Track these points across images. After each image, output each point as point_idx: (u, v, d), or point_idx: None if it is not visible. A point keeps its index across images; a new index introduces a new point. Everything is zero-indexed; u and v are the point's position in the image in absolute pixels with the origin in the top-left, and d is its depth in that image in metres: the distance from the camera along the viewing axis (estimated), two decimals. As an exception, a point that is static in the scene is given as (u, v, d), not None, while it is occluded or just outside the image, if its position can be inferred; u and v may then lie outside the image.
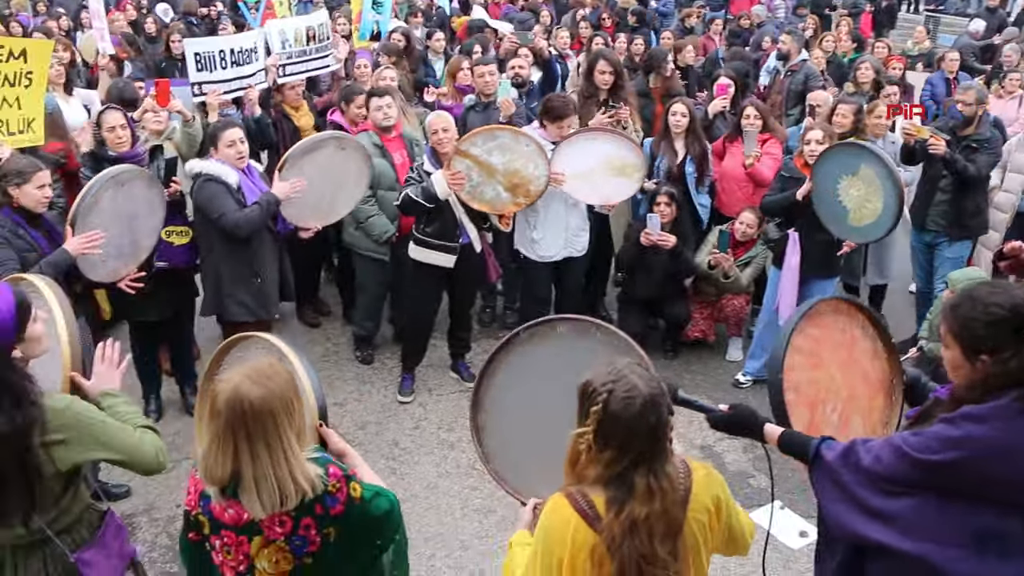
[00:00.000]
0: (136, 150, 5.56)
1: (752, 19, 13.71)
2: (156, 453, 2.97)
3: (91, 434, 2.85)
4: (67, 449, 2.82)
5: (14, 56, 5.39)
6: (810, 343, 3.14)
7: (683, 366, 6.88)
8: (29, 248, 4.67)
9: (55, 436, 2.79)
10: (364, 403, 6.41)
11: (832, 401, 3.19)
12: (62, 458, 2.82)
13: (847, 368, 3.24)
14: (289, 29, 7.21)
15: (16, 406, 2.72)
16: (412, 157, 6.47)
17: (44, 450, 2.78)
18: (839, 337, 3.25)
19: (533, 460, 3.04)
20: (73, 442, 2.82)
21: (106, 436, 2.88)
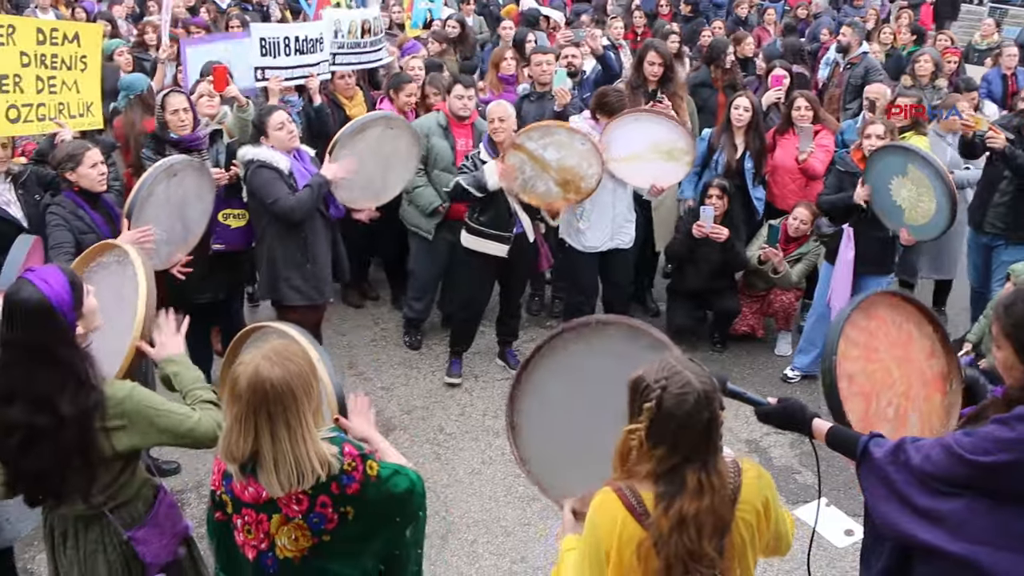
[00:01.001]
0: (197, 133, 5.65)
1: (810, 9, 13.47)
2: (215, 429, 2.99)
3: (150, 422, 2.92)
4: (127, 435, 2.89)
5: (68, 39, 5.48)
6: (864, 336, 3.11)
7: (731, 360, 6.82)
8: (88, 230, 4.79)
9: (115, 422, 2.86)
10: (411, 388, 6.46)
11: (888, 395, 3.14)
12: (122, 442, 2.89)
13: (904, 365, 3.19)
14: (345, 20, 7.24)
15: (79, 390, 2.79)
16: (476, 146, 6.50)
17: (104, 434, 2.85)
18: (895, 333, 3.20)
19: (569, 460, 3.03)
20: (132, 429, 2.89)
21: (166, 424, 2.94)
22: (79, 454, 2.82)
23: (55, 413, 2.76)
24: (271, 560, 2.61)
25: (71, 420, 2.77)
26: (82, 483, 2.89)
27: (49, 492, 2.93)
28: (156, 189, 4.98)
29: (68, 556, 3.10)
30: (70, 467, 2.83)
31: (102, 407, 2.83)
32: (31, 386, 2.77)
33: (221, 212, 5.59)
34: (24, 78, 5.25)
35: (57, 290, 2.81)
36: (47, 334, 2.79)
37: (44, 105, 5.38)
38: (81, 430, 2.79)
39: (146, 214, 4.93)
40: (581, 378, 3.02)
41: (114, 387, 2.91)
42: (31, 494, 2.94)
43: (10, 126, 5.22)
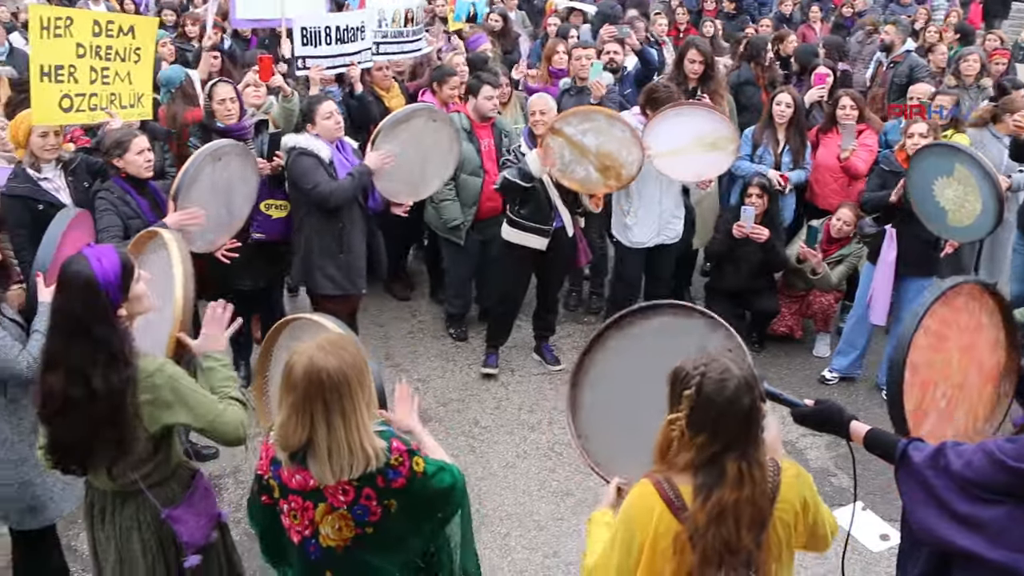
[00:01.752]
0: (243, 123, 5.74)
1: (855, 7, 13.27)
2: (237, 426, 3.06)
3: (178, 397, 2.96)
4: (154, 408, 2.94)
5: (123, 32, 5.57)
6: (938, 324, 3.07)
7: (768, 360, 6.78)
8: (134, 215, 4.91)
9: (144, 396, 2.92)
10: (447, 380, 6.50)
11: (943, 385, 3.11)
12: (151, 417, 2.94)
13: (966, 353, 3.15)
14: (388, 9, 7.28)
15: (112, 366, 2.85)
16: (499, 147, 6.52)
17: (135, 409, 2.91)
18: (965, 320, 3.16)
19: (623, 441, 3.04)
20: (160, 403, 2.94)
21: (192, 402, 2.98)
22: (110, 427, 2.88)
23: (88, 386, 2.83)
24: (314, 547, 2.66)
25: (102, 395, 2.83)
26: (110, 456, 2.95)
27: (77, 461, 3.00)
28: (201, 173, 5.06)
29: (105, 531, 3.18)
30: (99, 439, 2.90)
31: (134, 382, 2.89)
32: (68, 356, 2.86)
33: (263, 202, 5.67)
34: (79, 68, 5.34)
35: (106, 269, 2.89)
36: (87, 309, 2.86)
37: (96, 95, 5.47)
38: (112, 405, 2.86)
39: (191, 197, 5.01)
40: (644, 361, 3.02)
41: (147, 361, 2.97)
42: (61, 461, 3.01)
43: (63, 115, 5.32)
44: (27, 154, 5.13)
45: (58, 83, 5.26)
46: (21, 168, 5.12)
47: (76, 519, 4.64)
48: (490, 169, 6.49)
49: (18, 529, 3.90)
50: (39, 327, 3.55)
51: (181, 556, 3.16)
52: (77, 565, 4.56)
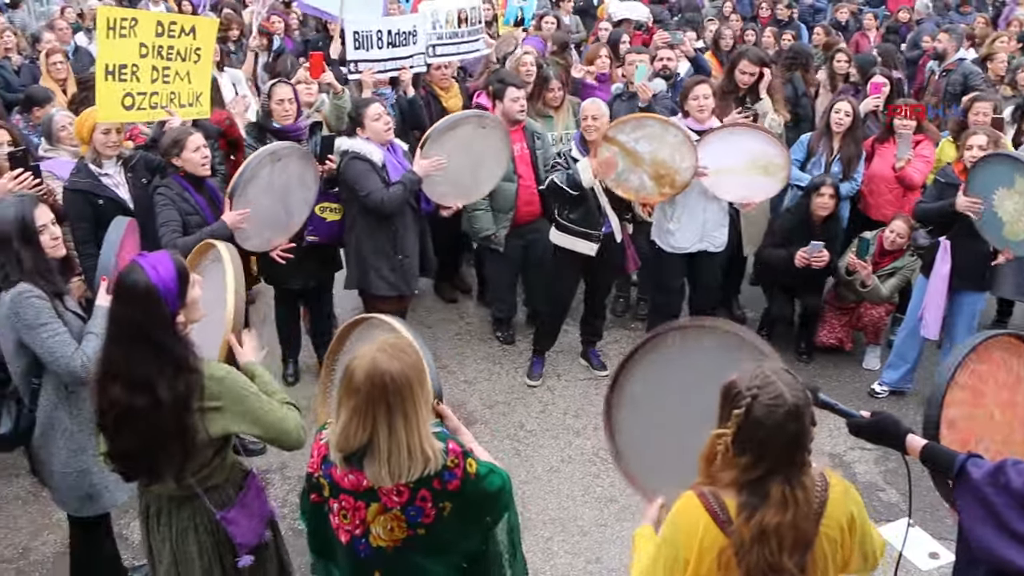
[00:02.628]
0: (298, 124, 5.82)
1: (912, 14, 13.08)
2: (298, 431, 3.10)
3: (244, 406, 3.00)
4: (220, 417, 2.97)
5: (185, 32, 5.69)
6: (974, 380, 3.02)
7: (817, 372, 6.69)
8: (192, 211, 5.04)
9: (211, 403, 2.95)
10: (493, 383, 6.52)
11: (986, 441, 3.06)
12: (215, 424, 2.97)
13: (1007, 409, 3.10)
14: (442, 11, 7.33)
15: (177, 375, 2.88)
16: (532, 149, 6.52)
17: (200, 415, 2.94)
18: (1004, 376, 3.11)
19: (664, 459, 3.03)
20: (226, 411, 2.98)
21: (257, 411, 3.02)
22: (176, 437, 2.91)
23: (152, 395, 2.85)
24: (364, 546, 2.67)
25: (168, 404, 2.86)
26: (176, 464, 2.98)
27: (141, 470, 3.03)
28: (260, 172, 5.16)
29: (161, 533, 3.22)
30: (165, 449, 2.92)
31: (200, 388, 2.92)
32: (130, 366, 2.87)
33: (318, 205, 5.74)
34: (141, 68, 5.47)
35: (164, 277, 2.92)
36: (148, 318, 2.88)
37: (157, 94, 5.59)
38: (178, 414, 2.88)
39: (248, 196, 5.12)
40: (681, 378, 3.02)
41: (212, 367, 3.00)
42: (124, 470, 3.05)
43: (124, 113, 5.45)
44: (90, 150, 5.27)
45: (121, 82, 5.39)
46: (83, 163, 5.25)
47: (128, 508, 4.75)
48: (523, 173, 6.48)
49: (75, 516, 3.98)
50: (94, 329, 3.62)
51: (235, 557, 3.19)
52: (128, 553, 4.67)
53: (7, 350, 3.66)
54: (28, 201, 3.70)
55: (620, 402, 3.17)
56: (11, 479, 5.39)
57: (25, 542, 4.92)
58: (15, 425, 3.79)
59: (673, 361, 3.05)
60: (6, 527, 5.02)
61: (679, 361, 3.04)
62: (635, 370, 3.13)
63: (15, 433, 3.80)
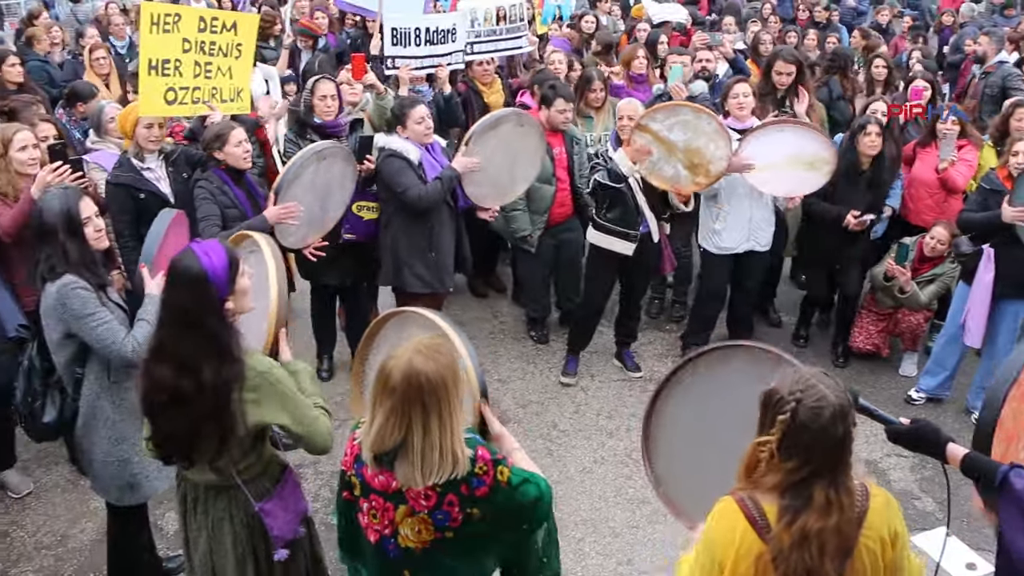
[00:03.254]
0: (339, 120, 5.85)
1: (956, 17, 12.90)
2: (327, 437, 3.13)
3: (281, 401, 3.03)
4: (257, 408, 3.00)
5: (227, 28, 5.76)
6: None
7: (853, 378, 6.61)
8: (231, 205, 5.10)
9: (251, 395, 2.98)
10: (527, 382, 6.52)
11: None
12: (252, 415, 3.00)
13: None
14: (480, 8, 7.34)
15: (222, 361, 2.93)
16: (570, 154, 6.52)
17: (240, 406, 2.97)
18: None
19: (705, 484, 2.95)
20: (264, 403, 3.01)
21: (293, 407, 3.05)
22: (214, 421, 2.95)
23: (197, 379, 2.90)
24: (392, 546, 2.67)
25: (210, 388, 2.90)
26: (212, 449, 3.02)
27: (181, 453, 3.08)
28: (305, 171, 5.21)
29: (198, 521, 3.26)
30: (202, 433, 2.97)
31: (242, 378, 2.96)
32: (178, 348, 2.93)
33: (355, 204, 5.77)
34: (184, 63, 5.55)
35: (215, 264, 2.97)
36: (198, 303, 2.94)
37: (199, 89, 5.67)
38: (218, 399, 2.92)
39: (292, 193, 5.17)
40: (716, 401, 2.99)
41: (255, 359, 3.04)
42: (164, 452, 3.10)
43: (167, 107, 5.53)
44: (132, 144, 5.34)
45: (164, 76, 5.47)
46: (126, 158, 5.33)
47: (163, 499, 4.83)
48: (562, 176, 6.49)
49: (114, 505, 4.04)
50: (145, 316, 3.67)
51: (270, 550, 3.22)
52: (162, 543, 4.74)
53: (52, 340, 3.71)
54: (73, 193, 3.77)
55: (657, 429, 3.14)
56: (50, 467, 5.48)
57: (64, 529, 5.00)
58: (59, 414, 3.85)
59: (708, 384, 3.03)
60: (45, 514, 5.11)
61: (714, 384, 3.01)
62: (671, 396, 3.11)
63: (59, 422, 3.86)
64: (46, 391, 3.87)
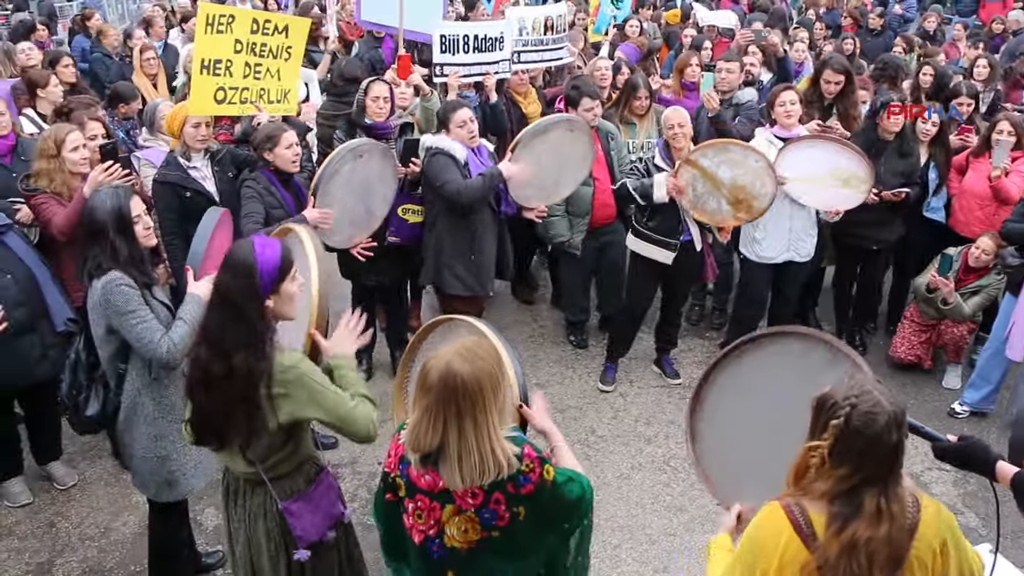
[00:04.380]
0: (388, 123, 5.89)
1: (1007, 25, 12.67)
2: (368, 424, 3.11)
3: (310, 395, 3.03)
4: (288, 402, 3.02)
5: (278, 31, 5.83)
6: None
7: (896, 389, 6.46)
8: (278, 205, 5.14)
9: (279, 389, 3.00)
10: (565, 387, 6.51)
11: None
12: (283, 411, 3.02)
13: None
14: (528, 17, 7.36)
15: (251, 351, 2.96)
16: (607, 150, 6.50)
17: (269, 401, 3.00)
18: None
19: (744, 468, 3.00)
20: (293, 398, 3.02)
21: (323, 399, 3.05)
22: (242, 407, 2.98)
23: (227, 364, 2.94)
24: (437, 546, 2.68)
25: (239, 374, 2.94)
26: (241, 435, 3.04)
27: (213, 434, 3.10)
28: (342, 168, 5.25)
29: (238, 513, 3.30)
30: (232, 418, 3.00)
31: (270, 374, 2.98)
32: (217, 333, 2.99)
33: (401, 207, 5.80)
34: (235, 63, 5.62)
35: (269, 257, 3.02)
36: (240, 289, 2.99)
37: (248, 89, 5.73)
38: (246, 387, 2.96)
39: (331, 191, 5.22)
40: (765, 388, 2.98)
41: (284, 355, 3.05)
42: (199, 432, 3.13)
43: (216, 106, 5.60)
44: (180, 143, 5.40)
45: (215, 76, 5.54)
46: (173, 156, 5.40)
47: (202, 495, 4.90)
48: (599, 176, 6.45)
49: (155, 500, 4.09)
50: (184, 316, 3.72)
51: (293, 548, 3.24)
52: (201, 539, 4.80)
53: (97, 335, 3.77)
54: (124, 192, 3.82)
55: (702, 408, 3.14)
56: (95, 460, 5.57)
57: (107, 521, 5.08)
58: (102, 408, 3.91)
59: (759, 369, 3.02)
60: (89, 506, 5.19)
61: (765, 370, 3.00)
62: (720, 377, 3.10)
63: (102, 416, 3.92)
64: (90, 385, 3.94)
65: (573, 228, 6.54)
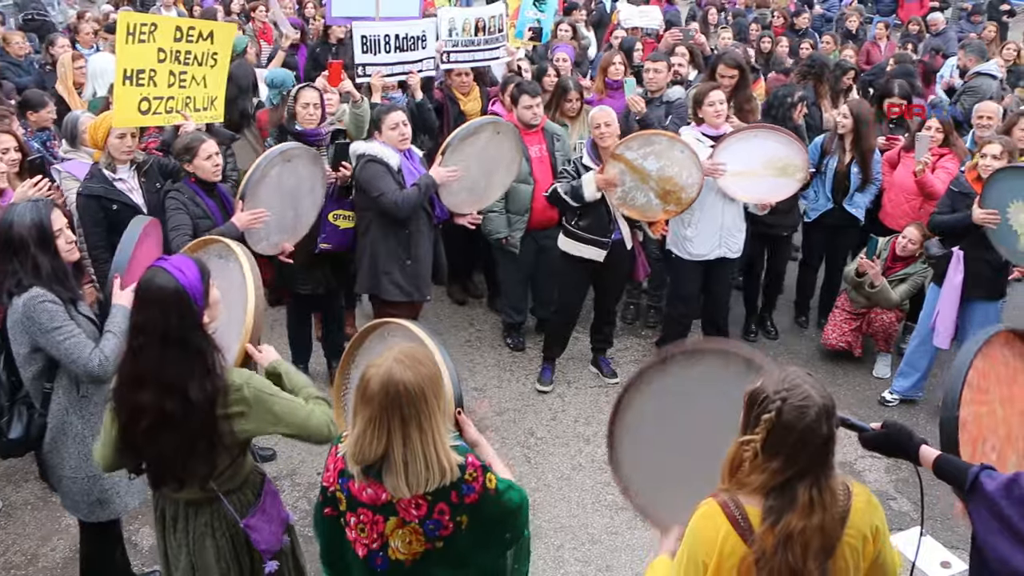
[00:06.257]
0: (320, 129, 5.83)
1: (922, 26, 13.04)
2: (327, 425, 3.08)
3: (268, 410, 2.99)
4: (246, 421, 2.97)
5: (203, 37, 5.72)
6: (978, 377, 3.01)
7: (827, 379, 6.64)
8: (203, 215, 5.07)
9: (235, 408, 2.94)
10: (503, 390, 6.51)
11: (991, 439, 3.06)
12: (241, 429, 2.97)
13: (1008, 404, 3.11)
14: (459, 18, 7.35)
15: (206, 376, 2.89)
16: (552, 151, 6.53)
17: (226, 421, 2.94)
18: (1003, 371, 3.11)
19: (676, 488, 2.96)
20: (251, 416, 2.97)
21: (281, 412, 3.00)
22: (204, 439, 2.91)
23: (184, 398, 2.85)
24: (381, 559, 2.65)
25: (199, 406, 2.86)
26: (204, 468, 2.98)
27: (172, 476, 3.02)
28: (270, 172, 5.20)
29: (177, 539, 3.21)
30: (194, 453, 2.93)
31: (224, 394, 2.92)
32: (162, 371, 2.86)
33: (331, 213, 5.75)
34: (158, 72, 5.51)
35: (191, 279, 2.93)
36: (181, 321, 2.88)
37: (173, 98, 5.63)
38: (207, 416, 2.89)
39: (259, 196, 5.15)
40: (680, 403, 2.98)
41: (233, 374, 2.99)
42: (154, 477, 3.05)
43: (140, 117, 5.48)
44: (104, 155, 5.27)
45: (139, 87, 5.42)
46: (97, 168, 5.26)
47: (138, 514, 4.78)
48: (540, 177, 6.48)
49: (86, 521, 3.99)
50: (112, 328, 3.63)
51: (256, 562, 3.20)
52: (137, 560, 4.68)
53: (19, 355, 3.65)
54: (44, 205, 3.71)
55: (622, 436, 3.10)
56: (20, 484, 5.39)
57: (34, 548, 4.91)
58: (26, 430, 3.79)
59: (671, 388, 3.01)
60: (15, 533, 5.02)
61: (677, 387, 3.00)
62: (634, 400, 3.08)
63: (26, 438, 3.80)
64: (12, 407, 3.81)
65: (511, 226, 6.55)
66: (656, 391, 3.03)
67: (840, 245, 7.11)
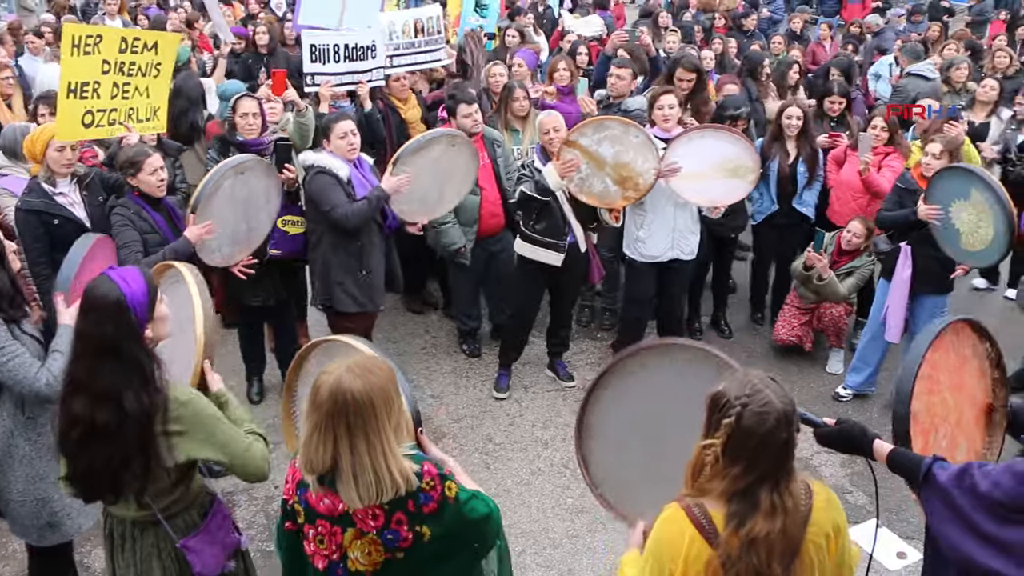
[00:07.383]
0: (262, 139, 5.76)
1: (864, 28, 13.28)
2: (263, 464, 3.04)
3: (208, 432, 2.92)
4: (184, 441, 2.89)
5: (147, 48, 5.63)
6: (929, 368, 3.05)
7: (780, 375, 6.59)
8: (150, 230, 4.98)
9: (175, 427, 2.87)
10: (460, 397, 6.48)
11: (943, 427, 3.11)
12: (180, 449, 2.89)
13: (957, 391, 3.16)
14: (398, 21, 7.32)
15: (143, 388, 2.82)
16: (493, 158, 6.51)
17: (164, 438, 2.86)
18: (952, 359, 3.17)
19: (643, 482, 3.01)
20: (189, 436, 2.90)
21: (221, 437, 2.95)
22: (139, 452, 2.84)
23: (118, 409, 2.78)
24: (341, 571, 2.61)
25: (133, 417, 2.79)
26: (138, 482, 2.90)
27: (105, 489, 2.95)
28: (223, 184, 5.12)
29: (125, 559, 3.14)
30: (128, 466, 2.85)
31: (164, 409, 2.85)
32: (95, 380, 2.80)
33: (280, 218, 5.67)
34: (103, 84, 5.39)
35: (134, 290, 2.87)
36: (118, 330, 2.82)
37: (116, 110, 5.52)
38: (142, 429, 2.81)
39: (211, 209, 5.07)
40: (649, 399, 3.00)
41: (177, 390, 2.93)
42: (86, 490, 2.97)
43: (84, 130, 5.36)
44: (43, 168, 5.15)
45: (83, 99, 5.31)
46: (36, 182, 5.13)
47: (89, 536, 4.66)
48: (486, 185, 6.47)
49: (35, 546, 3.89)
50: (59, 347, 3.53)
51: None
52: (90, 582, 4.58)
53: (-39, 377, 3.56)
54: None
55: (590, 431, 3.12)
56: (-34, 508, 5.25)
57: (-19, 574, 4.80)
58: (-30, 454, 3.69)
59: (639, 385, 3.02)
60: (-39, 559, 4.90)
61: (645, 384, 3.01)
62: (601, 397, 3.09)
63: (-30, 461, 3.70)
64: (-44, 430, 3.71)
65: (465, 233, 6.53)
66: (625, 387, 3.04)
67: (790, 243, 7.18)
